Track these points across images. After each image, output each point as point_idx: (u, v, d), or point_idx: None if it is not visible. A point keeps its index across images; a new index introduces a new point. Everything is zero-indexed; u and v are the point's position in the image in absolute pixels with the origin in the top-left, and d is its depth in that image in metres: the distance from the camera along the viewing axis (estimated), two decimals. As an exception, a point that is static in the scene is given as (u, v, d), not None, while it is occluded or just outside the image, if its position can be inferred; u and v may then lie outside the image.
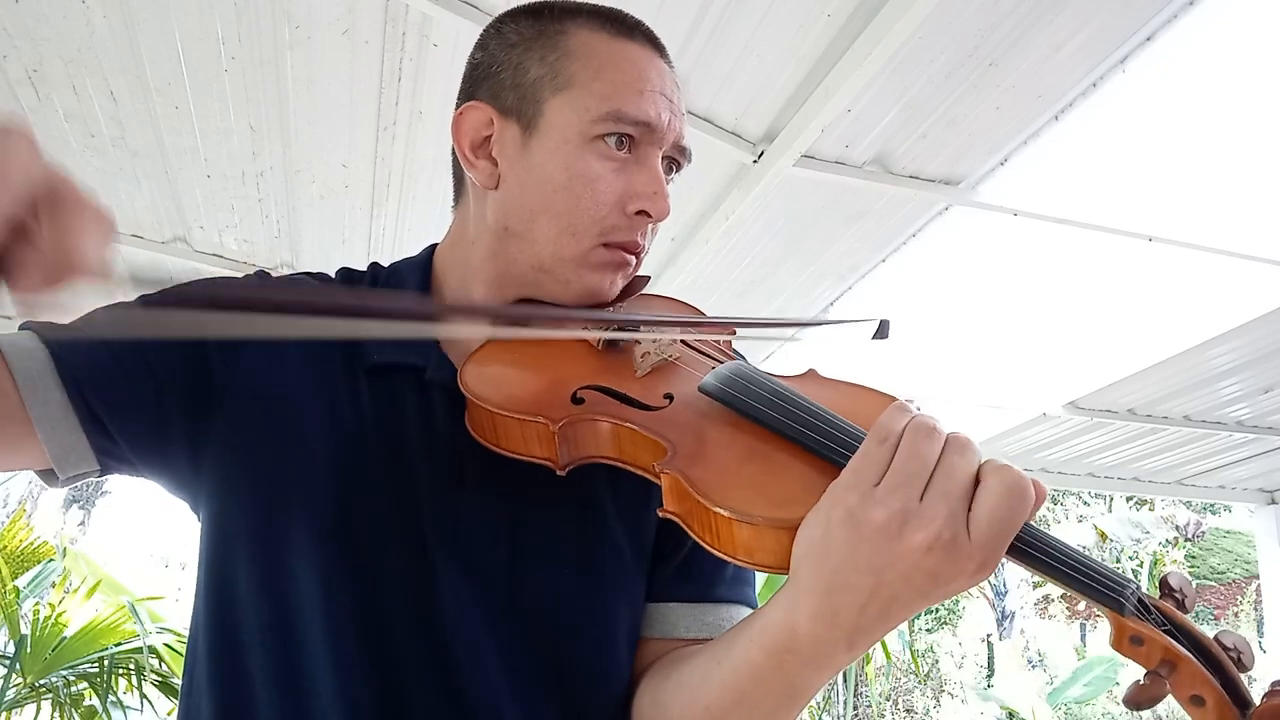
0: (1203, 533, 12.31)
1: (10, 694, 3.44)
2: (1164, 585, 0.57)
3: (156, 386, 0.70)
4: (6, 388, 0.64)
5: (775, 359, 3.76)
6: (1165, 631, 0.54)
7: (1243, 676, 0.53)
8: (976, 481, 0.53)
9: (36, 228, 0.41)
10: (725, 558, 0.57)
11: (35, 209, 0.41)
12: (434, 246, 0.88)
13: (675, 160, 0.80)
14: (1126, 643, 0.54)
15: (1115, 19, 1.93)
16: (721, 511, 0.56)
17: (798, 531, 0.55)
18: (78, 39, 2.04)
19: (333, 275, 0.85)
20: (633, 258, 0.78)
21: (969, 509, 0.52)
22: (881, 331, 0.80)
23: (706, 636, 0.78)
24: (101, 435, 0.69)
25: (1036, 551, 0.54)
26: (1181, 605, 0.56)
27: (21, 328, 0.70)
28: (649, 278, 0.85)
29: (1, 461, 0.69)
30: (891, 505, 0.52)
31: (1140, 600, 0.55)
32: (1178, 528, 11.77)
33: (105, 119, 2.34)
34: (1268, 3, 1.90)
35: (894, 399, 0.66)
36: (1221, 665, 0.53)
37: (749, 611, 0.82)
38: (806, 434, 0.60)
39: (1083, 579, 0.54)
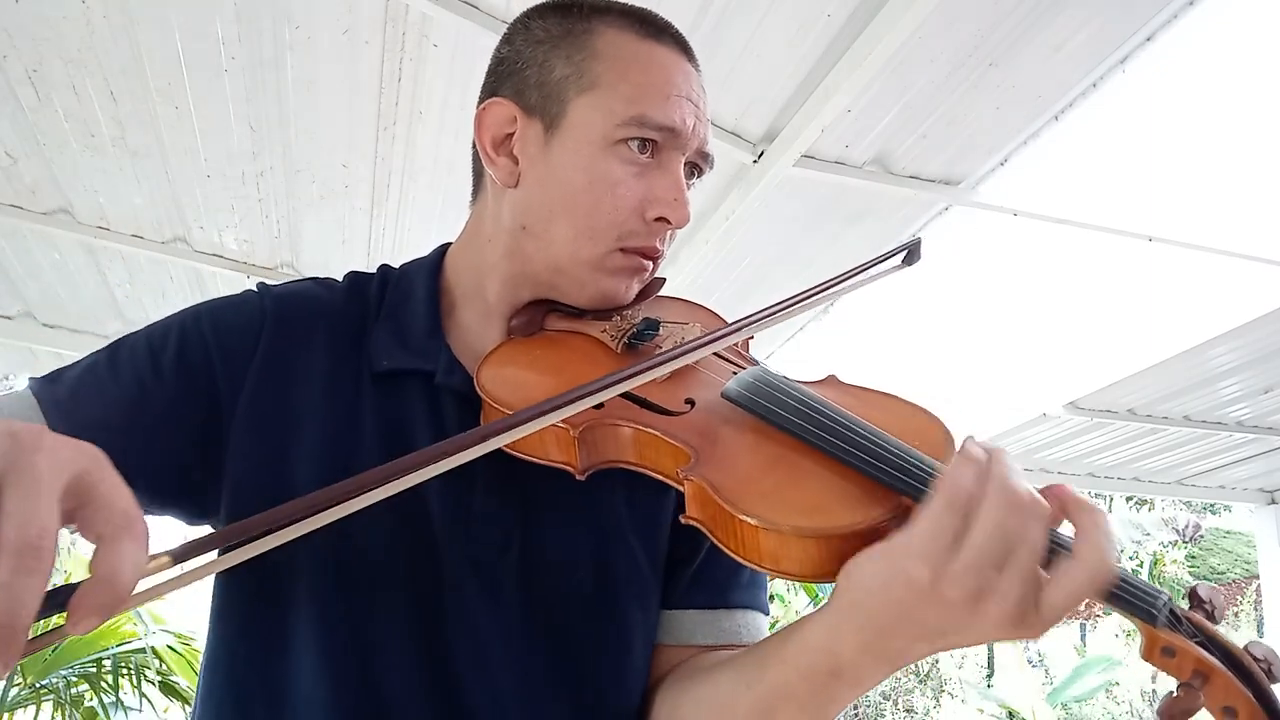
0: (1201, 535, 12.32)
1: (11, 694, 3.45)
2: (1193, 596, 0.56)
3: (162, 448, 0.70)
4: None
5: (777, 357, 3.76)
6: (1197, 643, 0.53)
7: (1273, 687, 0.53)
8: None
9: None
10: (750, 565, 0.57)
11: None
12: (446, 246, 0.87)
13: (697, 166, 0.79)
14: (1158, 654, 0.53)
15: (1115, 19, 1.93)
16: (748, 519, 0.55)
17: (849, 571, 0.54)
18: (78, 39, 2.04)
19: (339, 279, 0.84)
20: (650, 263, 0.77)
21: (1044, 582, 0.50)
22: (912, 256, 0.76)
23: (723, 643, 0.77)
24: None
25: None
26: (1211, 616, 0.55)
27: (28, 383, 0.71)
28: (664, 280, 0.84)
29: None
30: (967, 584, 0.49)
31: (1172, 611, 0.54)
32: (1177, 530, 11.78)
33: (105, 119, 2.34)
34: (1268, 3, 1.90)
35: (917, 406, 0.66)
36: (1253, 676, 0.52)
37: (763, 617, 0.81)
38: (833, 442, 0.59)
39: (1116, 591, 0.53)
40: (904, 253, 0.77)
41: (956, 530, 0.50)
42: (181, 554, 0.44)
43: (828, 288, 0.73)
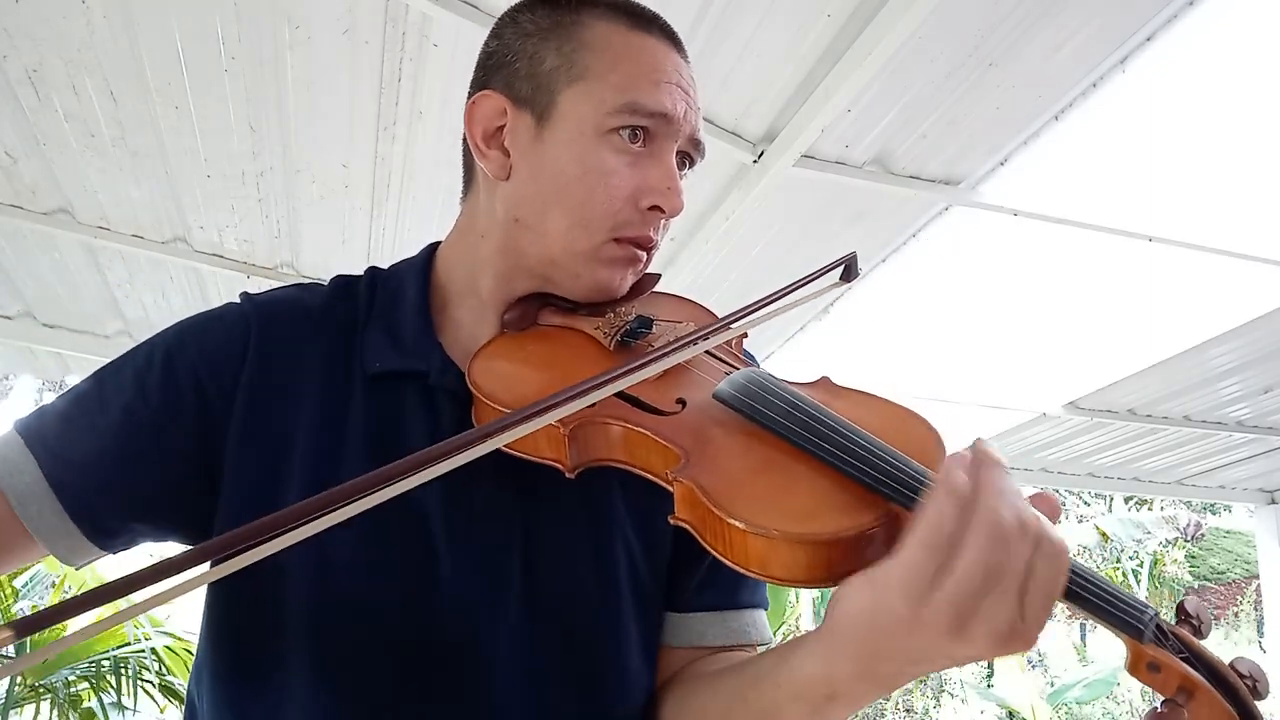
0: (1203, 534, 12.31)
1: (12, 694, 3.45)
2: (1180, 611, 0.56)
3: (160, 475, 0.70)
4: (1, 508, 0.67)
5: (776, 358, 3.76)
6: (1182, 659, 0.53)
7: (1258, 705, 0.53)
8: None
9: None
10: (737, 568, 0.56)
11: None
12: (435, 245, 0.86)
13: (689, 155, 0.79)
14: (1143, 669, 0.54)
15: (1115, 19, 1.93)
16: (736, 524, 0.55)
17: (837, 598, 0.54)
18: (78, 39, 2.04)
19: (325, 283, 0.84)
20: (644, 253, 0.77)
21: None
22: (849, 272, 0.74)
23: (731, 643, 0.78)
24: (104, 535, 0.70)
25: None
26: (1198, 631, 0.55)
27: (14, 426, 0.71)
28: (659, 276, 0.83)
29: (12, 562, 0.70)
30: (949, 615, 0.48)
31: (1158, 626, 0.54)
32: (1179, 529, 11.77)
33: (105, 119, 2.34)
34: (1268, 3, 1.90)
35: (908, 410, 0.66)
36: (1237, 693, 0.52)
37: (764, 613, 0.82)
38: (824, 447, 0.58)
39: (1102, 605, 0.53)
40: (841, 267, 0.75)
41: (939, 565, 0.49)
42: (22, 627, 0.41)
43: (769, 302, 0.72)
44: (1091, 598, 0.53)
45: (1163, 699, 0.53)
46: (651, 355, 0.64)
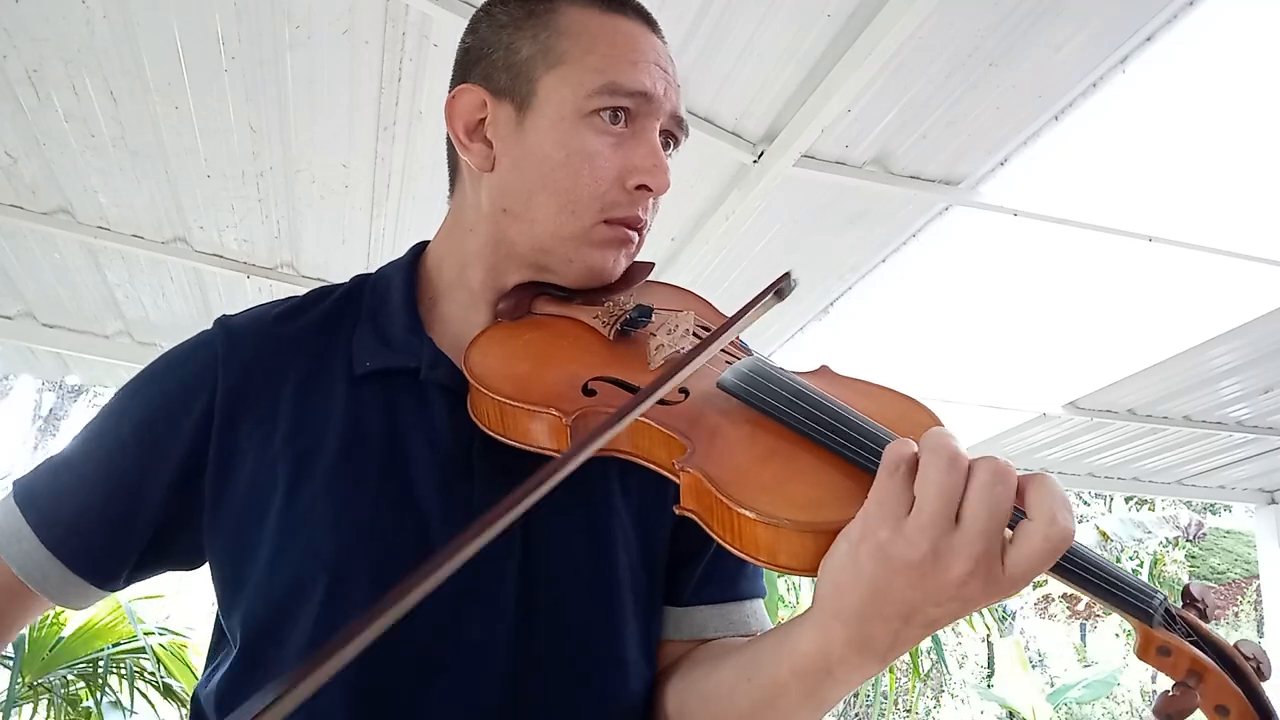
0: (1204, 534, 12.31)
1: (13, 693, 3.45)
2: (1186, 594, 0.57)
3: (149, 516, 0.72)
4: (4, 575, 0.70)
5: (776, 357, 3.75)
6: (1191, 642, 0.54)
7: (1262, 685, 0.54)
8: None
9: None
10: (745, 557, 0.56)
11: None
12: (422, 245, 0.87)
13: (673, 134, 0.79)
14: (1153, 653, 0.54)
15: (1115, 19, 1.93)
16: (745, 513, 0.55)
17: (824, 562, 0.54)
18: (78, 39, 2.04)
19: (299, 296, 0.84)
20: (635, 234, 0.77)
21: (1006, 543, 0.50)
22: (783, 291, 0.72)
23: (733, 634, 0.78)
24: (109, 579, 0.73)
25: (1069, 565, 0.54)
26: (1204, 615, 0.56)
27: (10, 492, 0.74)
28: (653, 264, 0.83)
29: (26, 621, 0.74)
30: (922, 544, 0.50)
31: (1167, 611, 0.55)
32: (1180, 528, 11.77)
33: (105, 119, 2.33)
34: (1268, 3, 1.90)
35: (910, 398, 0.66)
36: (1244, 675, 0.53)
37: (761, 602, 0.83)
38: (829, 435, 0.59)
39: (1112, 590, 0.54)
40: (776, 290, 0.74)
41: (900, 491, 0.51)
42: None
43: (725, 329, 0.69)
44: (1101, 582, 0.54)
45: (1174, 682, 0.54)
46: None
